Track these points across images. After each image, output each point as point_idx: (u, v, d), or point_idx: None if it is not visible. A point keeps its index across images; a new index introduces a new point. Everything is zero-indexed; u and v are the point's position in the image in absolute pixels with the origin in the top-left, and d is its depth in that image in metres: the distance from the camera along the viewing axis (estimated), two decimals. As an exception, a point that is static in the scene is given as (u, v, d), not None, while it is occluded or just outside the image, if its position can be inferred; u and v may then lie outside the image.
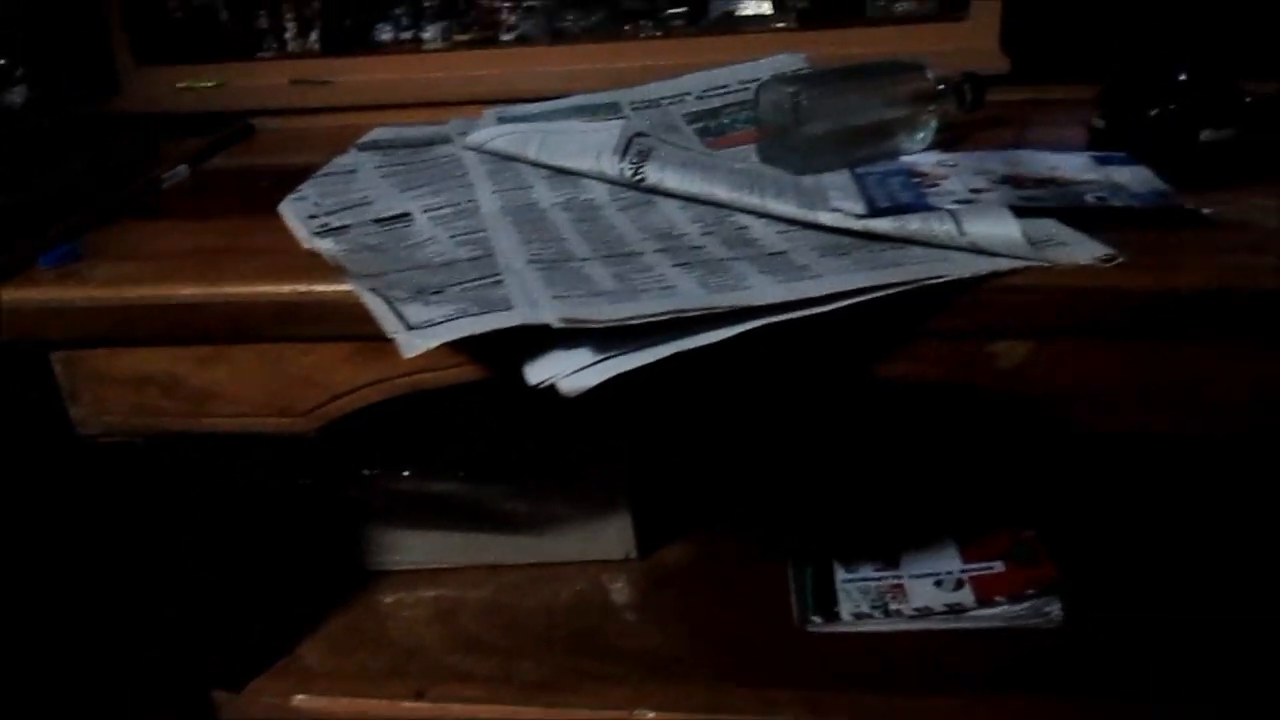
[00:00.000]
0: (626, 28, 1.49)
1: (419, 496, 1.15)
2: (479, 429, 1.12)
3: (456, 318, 0.68)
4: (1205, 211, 0.79)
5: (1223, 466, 1.03)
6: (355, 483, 1.15)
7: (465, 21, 1.56)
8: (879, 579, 1.08)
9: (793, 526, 1.17)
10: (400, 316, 0.69)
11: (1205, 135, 0.93)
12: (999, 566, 1.06)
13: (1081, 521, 1.13)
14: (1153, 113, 0.95)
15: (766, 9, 1.42)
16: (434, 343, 0.66)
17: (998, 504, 1.16)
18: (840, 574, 1.09)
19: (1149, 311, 0.71)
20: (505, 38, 1.52)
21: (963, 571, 1.06)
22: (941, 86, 1.00)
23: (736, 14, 1.44)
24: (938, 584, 1.06)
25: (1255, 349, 0.72)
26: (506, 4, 1.58)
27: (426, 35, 1.54)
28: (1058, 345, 0.73)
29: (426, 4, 1.58)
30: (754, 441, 1.23)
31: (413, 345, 0.66)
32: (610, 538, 1.15)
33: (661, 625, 1.07)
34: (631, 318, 0.66)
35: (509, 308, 0.69)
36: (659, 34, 1.44)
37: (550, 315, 0.66)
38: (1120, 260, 0.71)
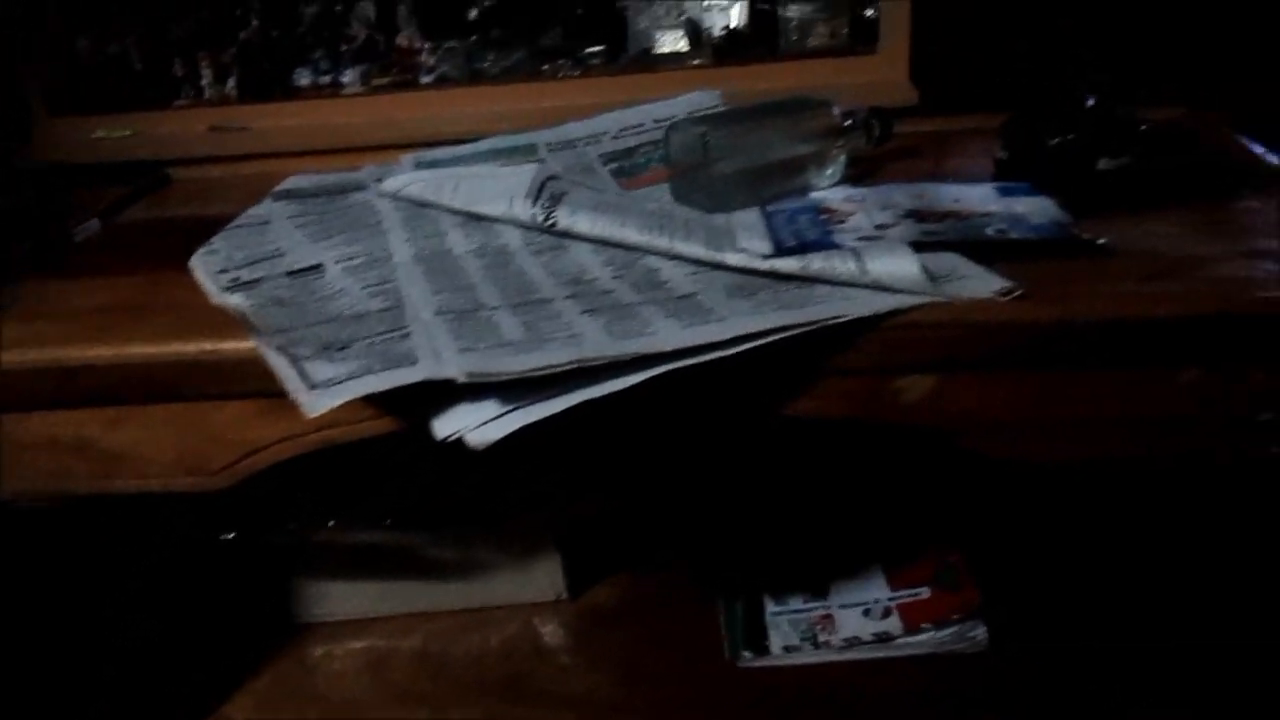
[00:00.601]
0: (545, 67, 1.49)
1: (345, 547, 1.13)
2: (404, 476, 1.11)
3: (360, 375, 0.68)
4: (1101, 241, 0.81)
5: (1144, 488, 1.05)
6: (281, 535, 1.14)
7: (385, 64, 1.56)
8: (808, 610, 1.08)
9: (723, 560, 1.17)
10: (303, 375, 0.69)
11: (1103, 164, 0.95)
12: (925, 592, 1.07)
13: (1006, 541, 1.14)
14: (1052, 143, 0.97)
15: (683, 46, 1.44)
16: (336, 402, 0.66)
17: (924, 527, 1.17)
18: (770, 607, 1.10)
19: (1046, 343, 0.72)
20: (425, 80, 1.52)
21: (890, 599, 1.07)
22: (849, 122, 1.02)
23: (654, 51, 1.45)
24: (866, 613, 1.07)
25: (1149, 376, 0.73)
26: (426, 45, 1.58)
27: (345, 79, 1.53)
28: (960, 378, 0.74)
29: (344, 48, 1.58)
30: (682, 477, 1.24)
31: (315, 405, 0.66)
32: (540, 580, 1.15)
33: (593, 667, 1.07)
34: (535, 369, 0.66)
35: (414, 362, 0.69)
36: (577, 73, 1.45)
37: (455, 369, 0.66)
38: (1018, 293, 0.72)
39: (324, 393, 0.66)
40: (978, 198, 0.92)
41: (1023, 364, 0.73)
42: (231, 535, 1.15)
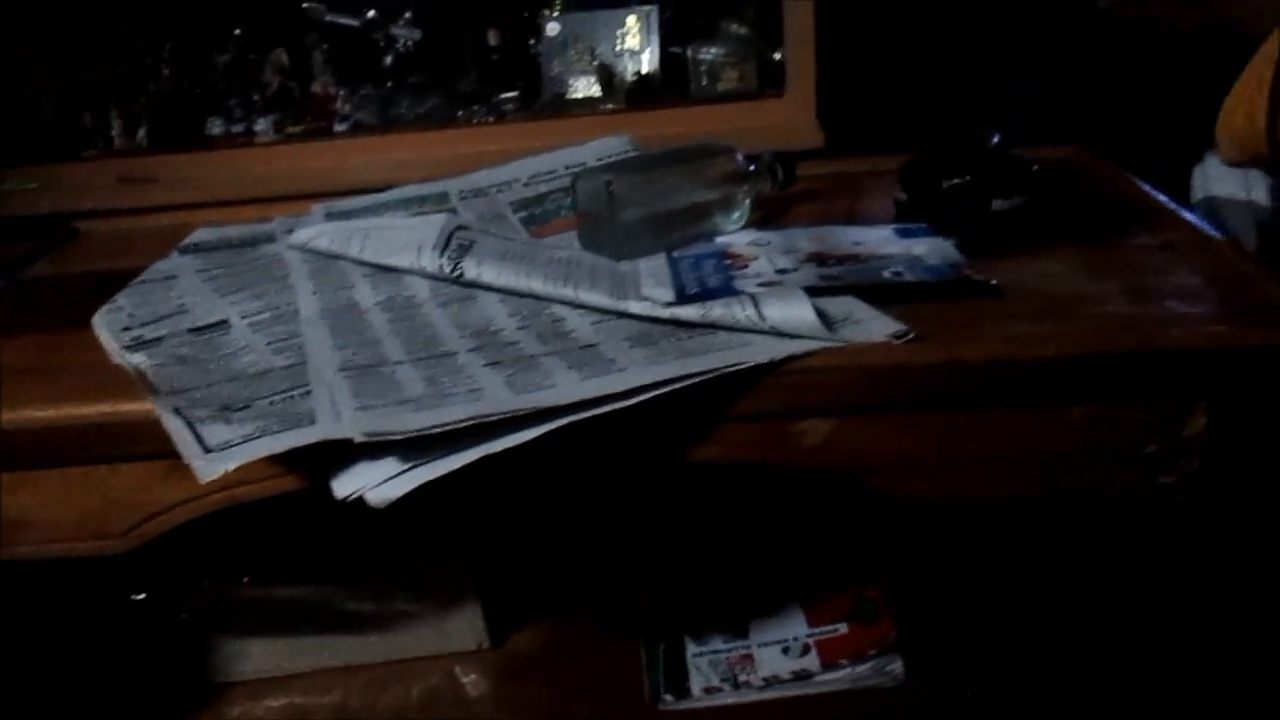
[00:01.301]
0: (460, 113, 1.50)
1: (261, 603, 1.12)
2: (318, 529, 1.10)
3: (256, 437, 0.68)
4: (992, 281, 0.84)
5: (1056, 520, 1.07)
6: (194, 594, 1.12)
7: (299, 112, 1.55)
8: (728, 650, 1.09)
9: (646, 602, 1.17)
10: (199, 438, 0.68)
11: (997, 204, 0.98)
12: (843, 628, 1.09)
13: (923, 574, 1.16)
14: (947, 184, 1.00)
15: (596, 91, 1.45)
16: (230, 466, 0.65)
17: (842, 562, 1.18)
18: (691, 648, 1.10)
19: (938, 384, 0.74)
20: (339, 128, 1.52)
21: (809, 636, 1.08)
22: (752, 167, 1.04)
23: (568, 96, 1.47)
24: (785, 650, 1.08)
25: (1039, 414, 0.75)
26: (341, 92, 1.58)
27: (259, 128, 1.52)
28: (858, 420, 0.76)
29: (256, 97, 1.57)
30: (602, 521, 1.24)
31: (209, 470, 0.65)
32: (461, 629, 1.14)
33: (516, 716, 1.07)
34: (433, 427, 0.66)
35: (313, 422, 0.69)
36: (492, 119, 1.46)
37: (352, 429, 0.66)
38: (910, 336, 0.74)
39: (218, 457, 0.66)
40: (878, 240, 0.94)
41: (917, 405, 0.75)
42: (142, 596, 1.13)
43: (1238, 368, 0.74)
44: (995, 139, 1.63)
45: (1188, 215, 0.96)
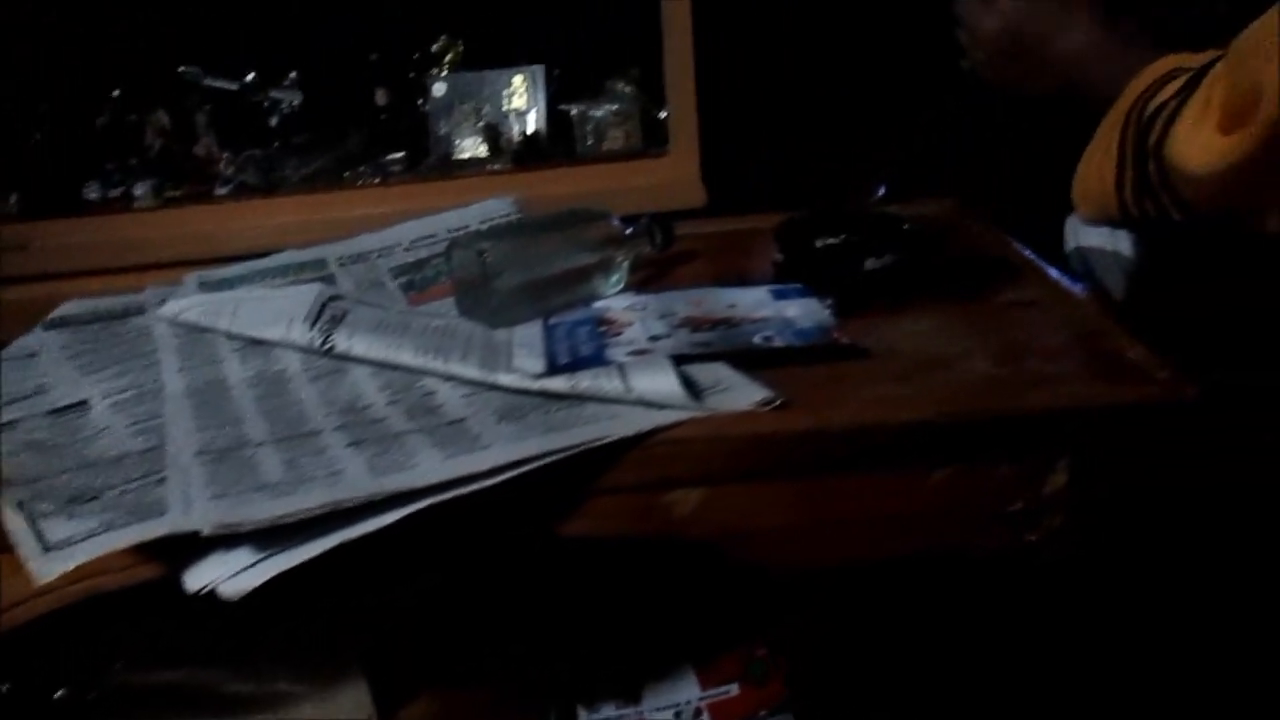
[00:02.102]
0: (347, 174, 1.49)
1: (136, 690, 1.07)
2: (193, 610, 1.06)
3: (100, 532, 0.65)
4: (861, 344, 0.85)
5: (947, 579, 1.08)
6: (63, 684, 1.07)
7: (180, 175, 1.52)
8: (620, 717, 1.07)
9: (535, 670, 1.15)
10: (39, 536, 0.66)
11: (869, 264, 1.00)
12: (734, 689, 1.08)
13: (814, 632, 1.16)
14: (820, 244, 1.02)
15: (483, 151, 1.45)
16: (69, 565, 0.63)
17: (733, 621, 1.17)
18: (583, 716, 1.08)
19: (806, 451, 0.74)
20: (220, 191, 1.49)
21: (700, 699, 1.07)
22: (629, 230, 1.04)
23: (454, 157, 1.46)
24: (677, 715, 1.06)
25: (905, 477, 0.76)
26: (225, 154, 1.55)
27: (137, 192, 1.49)
28: (728, 490, 0.75)
29: (133, 161, 1.54)
30: (491, 588, 1.22)
31: (45, 570, 0.63)
32: (346, 705, 1.11)
33: (404, 793, 1.04)
34: (287, 516, 0.64)
35: (163, 513, 0.67)
36: (378, 180, 1.45)
37: (202, 521, 0.64)
38: (777, 403, 0.75)
39: (58, 556, 0.63)
40: (752, 302, 0.95)
41: (785, 473, 0.75)
42: (6, 689, 1.08)
43: (1095, 424, 0.75)
44: (881, 190, 1.67)
45: (1051, 271, 0.99)
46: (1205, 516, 0.91)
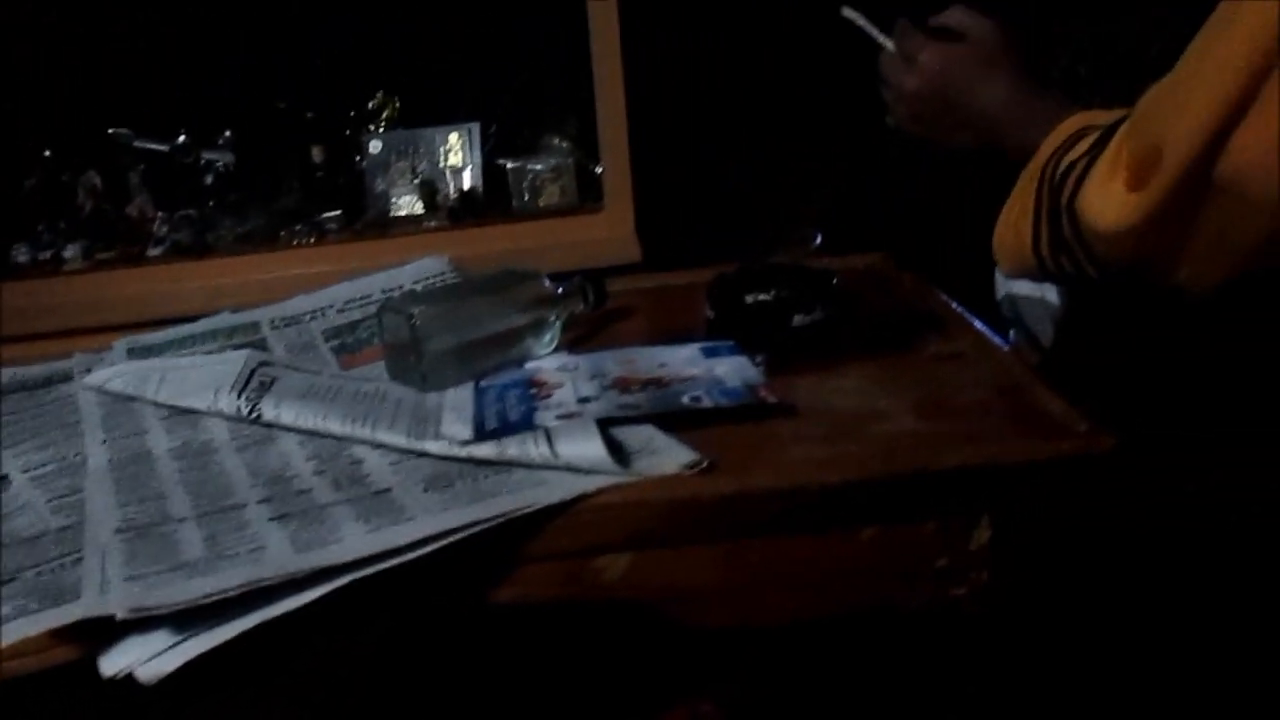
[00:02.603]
0: (282, 234, 1.48)
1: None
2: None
3: (15, 617, 0.64)
4: (789, 402, 0.85)
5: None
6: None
7: (111, 236, 1.51)
8: (562, 780, 1.06)
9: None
10: (-53, 624, 0.64)
11: (798, 319, 1.01)
12: (677, 748, 1.07)
13: (757, 685, 1.15)
14: (749, 301, 1.02)
15: (419, 209, 1.45)
16: (-20, 654, 0.61)
17: (678, 675, 1.17)
18: (525, 780, 1.07)
19: (732, 514, 0.74)
20: (153, 252, 1.48)
21: (643, 758, 1.07)
22: (560, 290, 1.04)
23: (391, 215, 1.46)
24: (619, 775, 1.06)
25: (831, 537, 0.77)
26: (159, 214, 1.54)
27: (68, 254, 1.47)
28: (657, 553, 0.76)
29: (63, 223, 1.52)
30: (424, 657, 1.20)
31: (-49, 661, 0.61)
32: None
33: None
34: (204, 597, 0.63)
35: (78, 596, 0.66)
36: (312, 240, 1.44)
37: (117, 605, 0.63)
38: (705, 465, 0.75)
39: (-33, 644, 0.62)
40: (683, 360, 0.96)
41: (712, 535, 0.76)
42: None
43: (1015, 479, 0.77)
44: (818, 238, 1.68)
45: (977, 323, 1.01)
46: (1129, 564, 0.92)
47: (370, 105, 1.61)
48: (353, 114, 1.60)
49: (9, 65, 1.53)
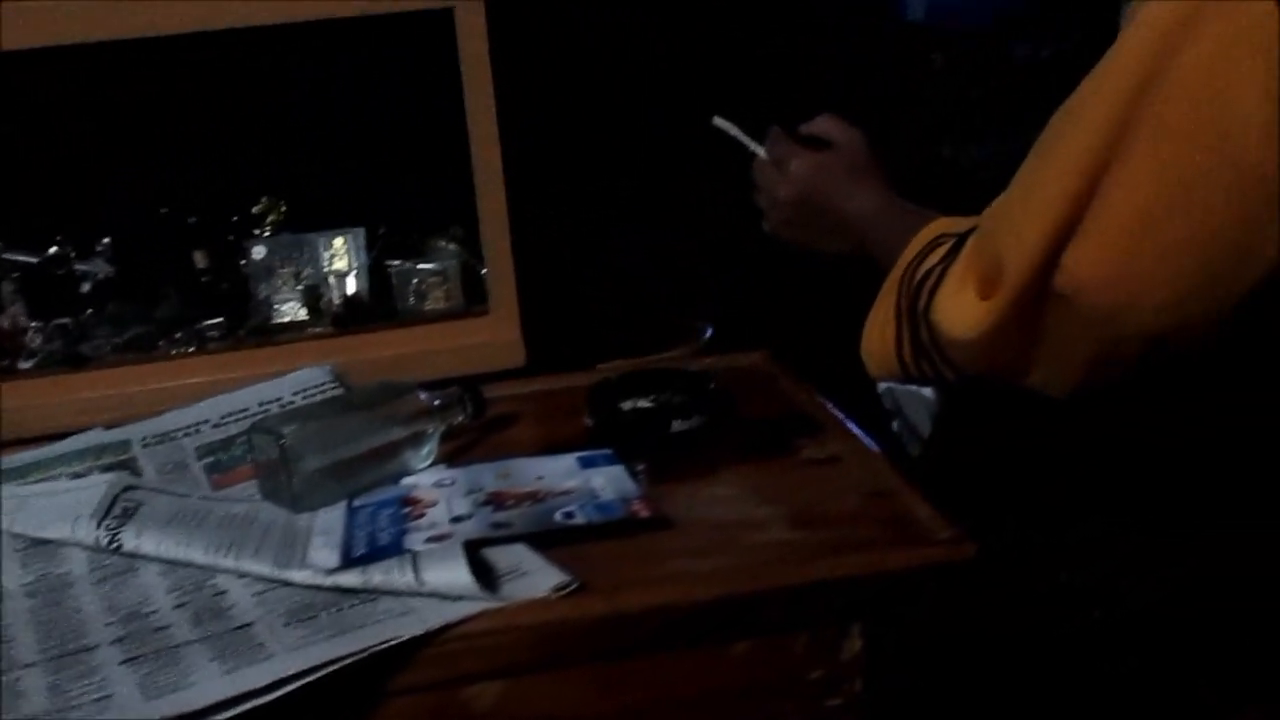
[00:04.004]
0: (162, 343, 1.45)
1: None
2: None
3: None
4: (664, 514, 0.85)
5: None
6: None
7: (-22, 349, 1.46)
8: None
9: None
10: None
11: (677, 426, 1.01)
12: None
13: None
14: (627, 408, 1.03)
15: (303, 315, 1.44)
16: None
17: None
18: None
19: (604, 636, 0.74)
20: (25, 365, 1.43)
21: None
22: (437, 401, 1.04)
23: (274, 322, 1.44)
24: None
25: (705, 653, 0.76)
26: (33, 325, 1.50)
27: (-72, 371, 1.42)
28: (528, 680, 0.74)
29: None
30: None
31: None
32: None
33: None
34: (39, 757, 0.60)
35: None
36: (192, 349, 1.41)
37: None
38: (574, 587, 0.74)
39: None
40: (560, 472, 0.95)
41: (584, 658, 0.75)
42: None
43: (884, 588, 0.77)
44: (708, 333, 1.70)
45: (852, 426, 1.02)
46: (1005, 665, 0.93)
47: (255, 209, 1.59)
48: (236, 219, 1.58)
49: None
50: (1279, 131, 0.59)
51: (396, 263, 1.48)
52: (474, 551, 0.78)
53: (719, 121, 1.14)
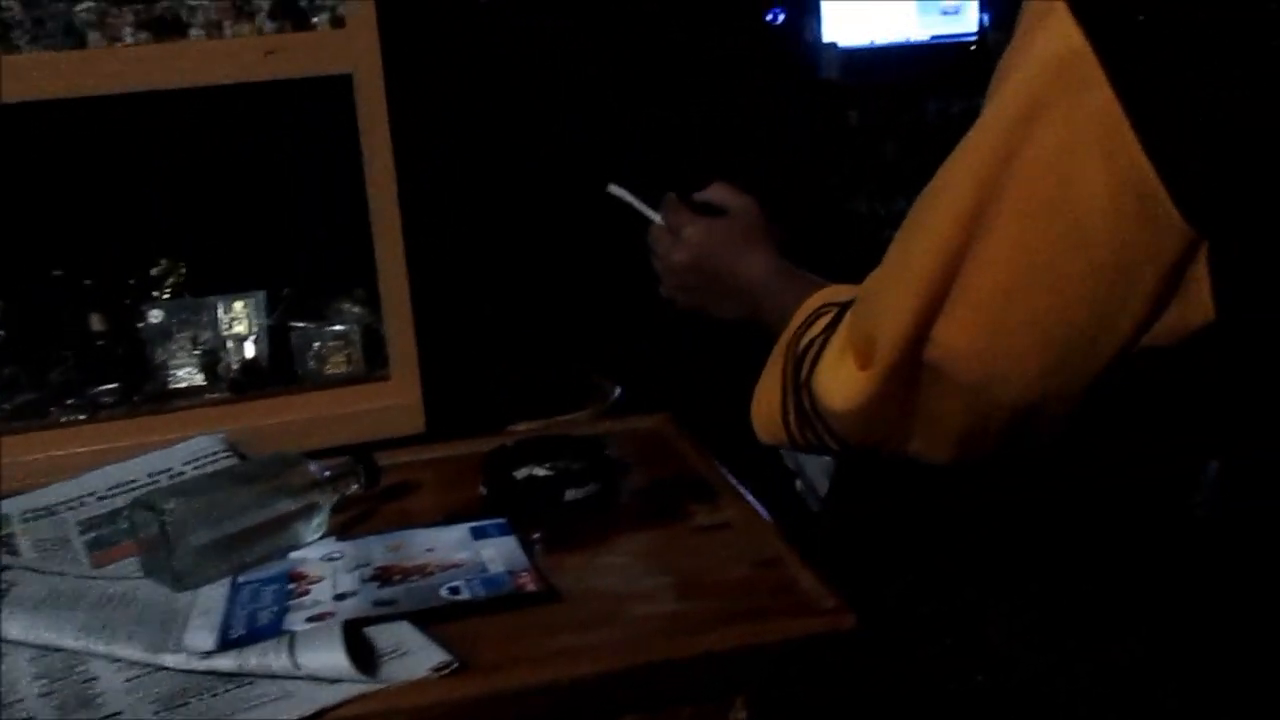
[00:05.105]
0: (53, 409, 1.41)
1: None
2: None
3: None
4: (553, 586, 0.85)
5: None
6: None
7: None
8: None
9: None
10: None
11: (570, 494, 1.01)
12: None
13: None
14: (520, 476, 1.02)
15: (200, 380, 1.41)
16: None
17: None
18: None
19: (483, 717, 0.73)
20: (-100, 437, 1.38)
21: None
22: (327, 473, 1.02)
23: (170, 387, 1.41)
24: None
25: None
26: (-83, 393, 1.45)
27: None
28: (406, 764, 0.73)
29: None
30: None
31: None
32: None
33: None
34: None
35: None
36: (84, 416, 1.38)
37: None
38: (454, 667, 0.73)
39: None
40: (452, 544, 0.94)
41: (464, 741, 0.73)
42: None
43: (767, 659, 0.78)
44: (617, 393, 1.70)
45: (745, 492, 1.03)
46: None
47: (154, 272, 1.56)
48: (133, 281, 1.55)
49: None
50: (1124, 218, 0.61)
51: (301, 324, 1.46)
52: (355, 631, 0.77)
53: (614, 189, 1.15)
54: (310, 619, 0.81)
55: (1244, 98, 0.58)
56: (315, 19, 1.33)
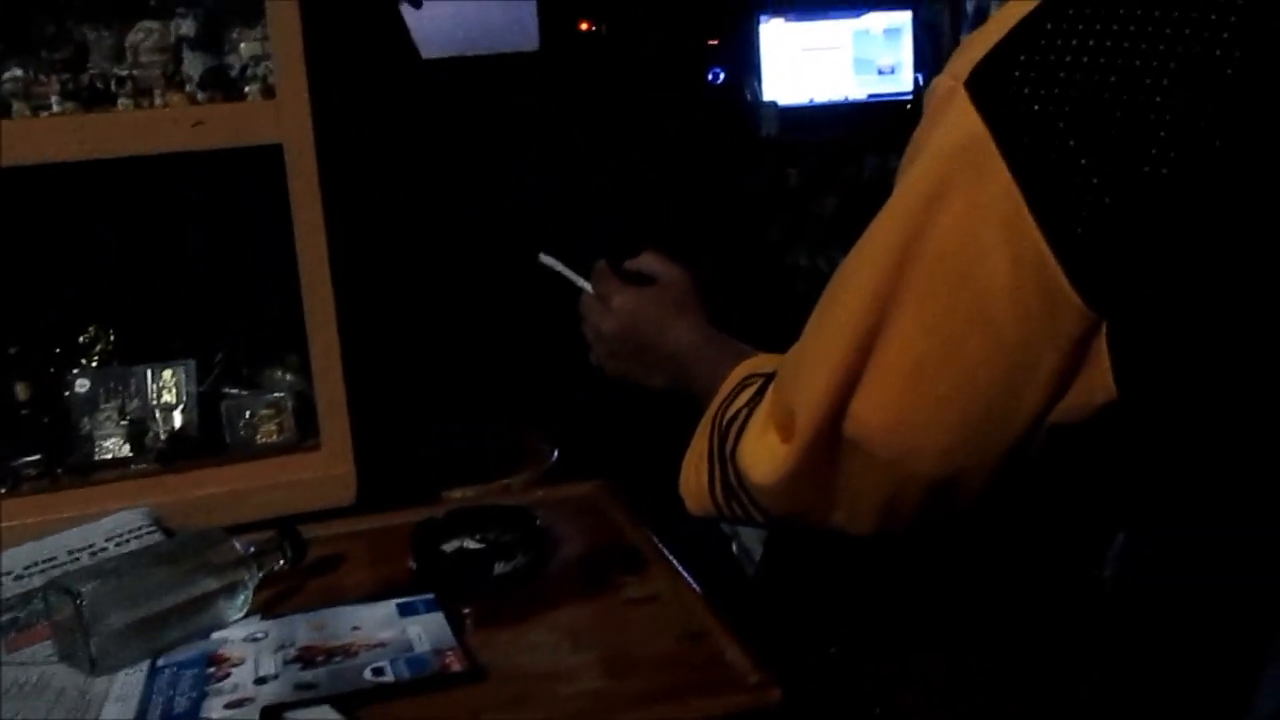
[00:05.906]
0: (-29, 483, 1.38)
1: None
2: None
3: None
4: (479, 664, 0.84)
5: None
6: None
7: None
8: None
9: None
10: None
11: (499, 568, 1.00)
12: None
13: None
14: (450, 549, 1.02)
15: (127, 451, 1.38)
16: None
17: None
18: None
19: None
20: None
21: None
22: (252, 549, 1.00)
23: (96, 458, 1.38)
24: None
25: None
26: None
27: None
28: None
29: None
30: None
31: None
32: None
33: None
34: None
35: None
36: (4, 490, 1.34)
37: None
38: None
39: None
40: (379, 621, 0.93)
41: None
42: None
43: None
44: (554, 456, 1.69)
45: (674, 563, 1.03)
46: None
47: (81, 339, 1.54)
48: (59, 350, 1.52)
49: None
50: (1025, 297, 0.63)
51: (233, 391, 1.44)
52: (275, 716, 0.76)
53: (545, 259, 1.16)
54: (229, 705, 0.79)
55: (1139, 181, 0.60)
56: (247, 89, 1.32)
